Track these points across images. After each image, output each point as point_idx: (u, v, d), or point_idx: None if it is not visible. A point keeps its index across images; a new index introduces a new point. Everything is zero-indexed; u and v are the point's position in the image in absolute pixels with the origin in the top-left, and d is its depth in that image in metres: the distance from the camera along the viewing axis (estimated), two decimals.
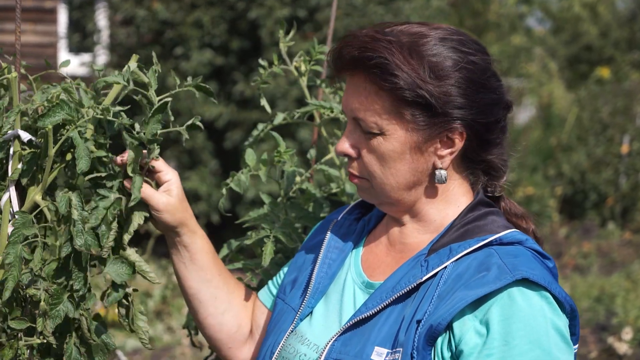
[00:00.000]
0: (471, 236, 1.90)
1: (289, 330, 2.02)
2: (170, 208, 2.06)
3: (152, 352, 7.18)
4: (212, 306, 2.17)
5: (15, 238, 1.94)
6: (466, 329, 1.79)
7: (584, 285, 9.00)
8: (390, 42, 1.86)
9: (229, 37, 9.82)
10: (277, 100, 9.44)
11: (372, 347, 1.85)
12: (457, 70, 1.87)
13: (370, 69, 1.86)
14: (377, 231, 2.09)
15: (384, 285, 1.92)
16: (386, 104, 1.87)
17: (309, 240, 2.20)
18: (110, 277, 2.01)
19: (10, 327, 2.00)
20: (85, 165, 1.96)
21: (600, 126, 13.00)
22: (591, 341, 7.39)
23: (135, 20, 10.01)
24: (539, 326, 1.77)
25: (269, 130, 2.43)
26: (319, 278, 2.05)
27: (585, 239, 11.42)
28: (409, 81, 1.84)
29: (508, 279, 1.79)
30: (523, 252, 1.88)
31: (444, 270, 1.87)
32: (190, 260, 2.13)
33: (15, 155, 2.03)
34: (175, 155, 9.79)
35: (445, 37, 1.89)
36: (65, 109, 1.96)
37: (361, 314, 1.90)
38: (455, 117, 1.88)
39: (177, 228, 2.09)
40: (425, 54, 1.86)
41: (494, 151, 1.96)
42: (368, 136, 1.91)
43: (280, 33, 2.36)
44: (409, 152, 1.90)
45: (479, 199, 1.97)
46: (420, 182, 1.94)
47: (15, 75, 2.04)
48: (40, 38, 12.75)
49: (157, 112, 2.03)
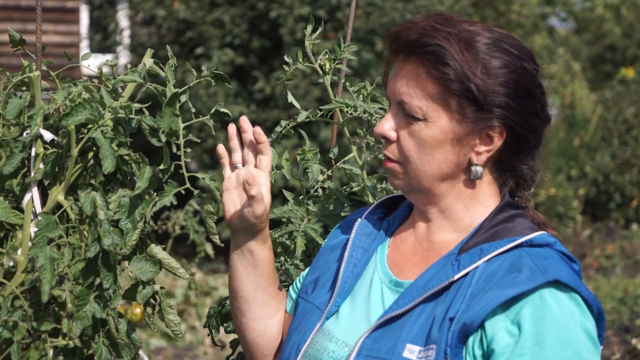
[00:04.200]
0: (501, 237, 1.92)
1: (315, 328, 2.02)
2: (264, 216, 2.05)
3: (175, 351, 7.20)
4: (260, 311, 2.17)
5: (40, 240, 1.94)
6: (498, 328, 1.80)
7: (607, 286, 8.96)
8: (450, 34, 1.89)
9: (250, 36, 9.83)
10: (298, 100, 9.43)
11: (404, 345, 1.86)
12: (508, 72, 1.90)
13: (425, 55, 1.89)
14: (401, 230, 2.09)
15: (415, 284, 1.93)
16: (434, 91, 1.89)
17: (329, 241, 2.20)
18: (135, 275, 2.01)
19: (35, 329, 2.00)
20: (111, 165, 1.96)
21: (624, 127, 12.93)
22: (614, 343, 7.35)
23: (155, 20, 10.04)
24: (569, 328, 1.80)
25: (293, 128, 2.43)
26: (345, 277, 2.05)
27: (608, 240, 11.37)
28: (460, 72, 1.87)
29: (540, 280, 1.80)
30: (552, 255, 1.89)
31: (475, 270, 1.88)
32: (252, 265, 2.12)
33: (39, 156, 2.03)
34: (196, 155, 9.81)
35: (500, 39, 1.93)
36: (87, 109, 1.95)
37: (393, 312, 1.91)
38: (498, 116, 1.90)
39: (254, 233, 2.08)
40: (480, 50, 1.89)
41: (526, 161, 1.99)
42: (410, 120, 1.92)
43: (307, 30, 2.37)
44: (448, 143, 1.91)
45: (506, 201, 1.99)
46: (453, 176, 1.95)
47: (38, 74, 2.04)
48: (62, 38, 12.79)
49: (171, 104, 2.02)
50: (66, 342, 2.01)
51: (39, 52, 2.10)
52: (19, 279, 2.00)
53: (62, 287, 1.97)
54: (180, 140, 2.04)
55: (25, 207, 2.03)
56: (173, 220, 5.52)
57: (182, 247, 9.25)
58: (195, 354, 7.17)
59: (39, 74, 2.04)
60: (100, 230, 1.94)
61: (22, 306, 1.99)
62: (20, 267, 2.01)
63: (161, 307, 2.11)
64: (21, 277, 2.01)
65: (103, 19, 10.98)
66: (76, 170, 2.02)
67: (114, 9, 11.05)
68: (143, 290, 2.05)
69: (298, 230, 2.34)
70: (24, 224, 2.02)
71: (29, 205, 2.03)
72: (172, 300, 7.57)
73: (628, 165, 12.59)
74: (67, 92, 2.03)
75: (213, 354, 7.13)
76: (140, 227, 2.00)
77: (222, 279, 8.39)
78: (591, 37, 19.72)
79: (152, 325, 2.14)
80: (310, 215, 2.38)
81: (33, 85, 2.04)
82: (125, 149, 2.03)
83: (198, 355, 7.15)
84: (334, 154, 2.52)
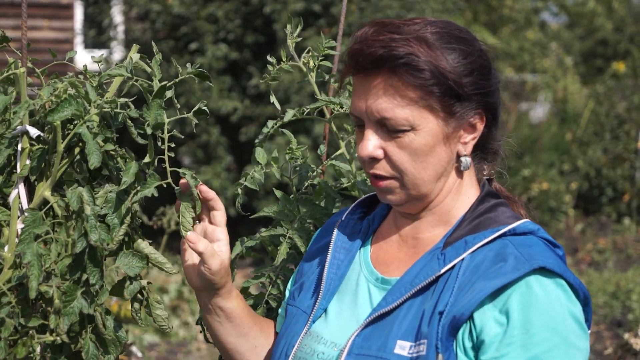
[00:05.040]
0: (484, 228, 1.94)
1: (303, 331, 2.03)
2: (223, 271, 2.04)
3: (168, 347, 7.20)
4: (253, 354, 2.17)
5: (27, 236, 1.94)
6: (486, 318, 1.82)
7: (599, 281, 8.97)
8: (408, 39, 1.89)
9: (244, 31, 9.82)
10: (291, 95, 9.43)
11: (395, 341, 1.87)
12: (470, 58, 1.92)
13: (398, 67, 1.88)
14: (383, 229, 2.10)
15: (402, 280, 1.94)
16: (417, 98, 1.89)
17: (313, 245, 2.21)
18: (122, 270, 2.01)
19: (23, 325, 2.00)
20: (97, 161, 1.96)
21: (616, 121, 12.95)
22: (607, 337, 7.36)
23: (150, 15, 10.03)
24: (556, 314, 1.81)
25: (280, 128, 2.42)
26: (329, 279, 2.05)
27: (600, 234, 11.39)
28: (436, 72, 1.88)
29: (526, 269, 1.82)
30: (536, 242, 1.91)
31: (461, 263, 1.90)
32: (226, 319, 2.12)
33: (24, 152, 2.03)
34: (190, 151, 9.81)
35: (444, 27, 1.94)
36: (73, 104, 1.95)
37: (381, 309, 1.92)
38: (478, 102, 1.93)
39: (217, 290, 2.07)
40: (437, 45, 1.90)
41: (497, 136, 2.02)
42: (397, 134, 1.91)
43: (288, 28, 2.35)
44: (439, 144, 1.92)
45: (486, 190, 2.01)
46: (446, 173, 1.96)
47: (24, 70, 2.04)
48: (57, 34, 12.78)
49: (157, 97, 2.02)
50: (53, 338, 2.01)
51: (24, 48, 2.10)
52: (6, 275, 2.00)
53: (49, 283, 1.97)
54: (165, 135, 2.04)
55: (11, 203, 2.03)
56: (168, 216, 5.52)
57: (177, 243, 9.26)
58: (189, 350, 7.17)
59: (25, 70, 2.04)
60: (87, 225, 1.94)
61: (9, 303, 1.99)
62: (7, 264, 2.01)
63: (148, 302, 2.11)
64: (8, 274, 2.00)
65: (97, 14, 10.96)
66: (62, 166, 2.02)
67: (108, 5, 11.03)
68: (130, 286, 2.05)
69: (285, 235, 2.34)
70: (11, 221, 2.02)
71: (15, 201, 2.03)
72: (166, 296, 7.57)
73: (620, 159, 12.62)
74: (52, 87, 2.03)
75: (206, 349, 7.14)
76: (127, 222, 2.00)
77: None
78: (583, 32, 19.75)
79: (140, 321, 2.14)
80: (299, 213, 2.38)
81: (19, 81, 2.04)
82: (111, 144, 2.03)
83: (191, 351, 7.15)
84: (321, 151, 2.52)
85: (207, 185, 2.06)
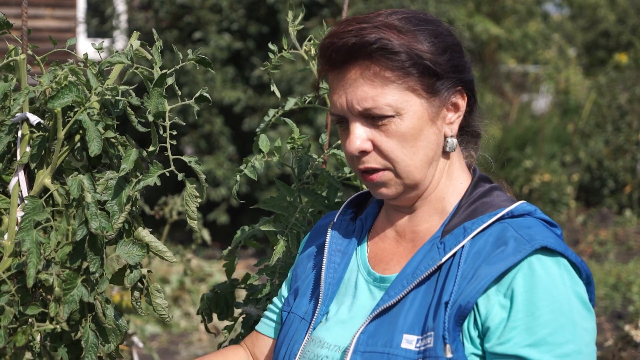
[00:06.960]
0: (482, 213, 1.93)
1: (305, 339, 2.01)
2: None
3: (169, 337, 7.21)
4: None
5: (27, 224, 1.94)
6: (491, 304, 1.81)
7: (600, 272, 8.97)
8: (377, 26, 1.89)
9: (248, 21, 9.81)
10: (294, 86, 9.42)
11: (401, 336, 1.86)
12: (444, 37, 1.94)
13: (373, 53, 1.88)
14: (377, 227, 2.09)
15: (404, 272, 1.92)
16: (396, 83, 1.88)
17: (304, 249, 2.20)
18: (123, 258, 2.00)
19: (22, 313, 1.99)
20: (97, 148, 1.95)
21: (618, 113, 12.93)
22: (607, 329, 7.36)
23: (153, 4, 10.01)
24: (560, 294, 1.80)
25: (282, 117, 2.42)
26: (327, 284, 2.04)
27: (602, 226, 11.38)
28: (411, 54, 1.88)
29: (527, 250, 1.82)
30: (535, 223, 1.91)
31: (461, 250, 1.89)
32: None
33: (24, 139, 2.02)
34: (193, 141, 9.80)
35: (407, 14, 1.95)
36: (74, 91, 1.95)
37: (384, 303, 1.91)
38: (456, 79, 1.94)
39: None
40: (410, 29, 1.91)
41: (476, 115, 2.03)
42: (382, 122, 1.90)
43: (289, 16, 2.34)
44: (425, 126, 1.92)
45: (479, 175, 2.01)
46: (436, 157, 1.96)
47: (24, 57, 2.03)
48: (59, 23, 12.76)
49: (158, 85, 2.01)
50: (53, 327, 2.00)
51: (25, 34, 2.09)
52: (5, 263, 2.00)
53: (49, 271, 1.97)
54: (167, 122, 2.04)
55: (11, 191, 2.03)
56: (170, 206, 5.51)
57: (179, 233, 9.26)
58: (190, 341, 7.17)
59: (25, 57, 2.03)
60: (87, 213, 1.93)
61: (9, 290, 1.98)
62: (7, 252, 2.00)
63: (148, 291, 2.11)
64: (8, 262, 2.00)
65: (100, 3, 10.95)
66: (63, 154, 2.02)
67: None
68: (130, 274, 2.05)
69: (283, 231, 2.33)
70: (11, 208, 2.02)
71: (15, 189, 2.02)
72: (167, 286, 7.57)
73: (621, 151, 12.60)
74: (53, 75, 2.02)
75: (208, 340, 7.14)
76: (127, 210, 2.00)
77: (217, 265, 8.39)
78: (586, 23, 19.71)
79: (140, 310, 2.14)
80: (301, 203, 2.37)
81: (19, 68, 2.04)
82: (112, 132, 2.02)
83: (193, 342, 7.15)
84: (322, 140, 2.51)
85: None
